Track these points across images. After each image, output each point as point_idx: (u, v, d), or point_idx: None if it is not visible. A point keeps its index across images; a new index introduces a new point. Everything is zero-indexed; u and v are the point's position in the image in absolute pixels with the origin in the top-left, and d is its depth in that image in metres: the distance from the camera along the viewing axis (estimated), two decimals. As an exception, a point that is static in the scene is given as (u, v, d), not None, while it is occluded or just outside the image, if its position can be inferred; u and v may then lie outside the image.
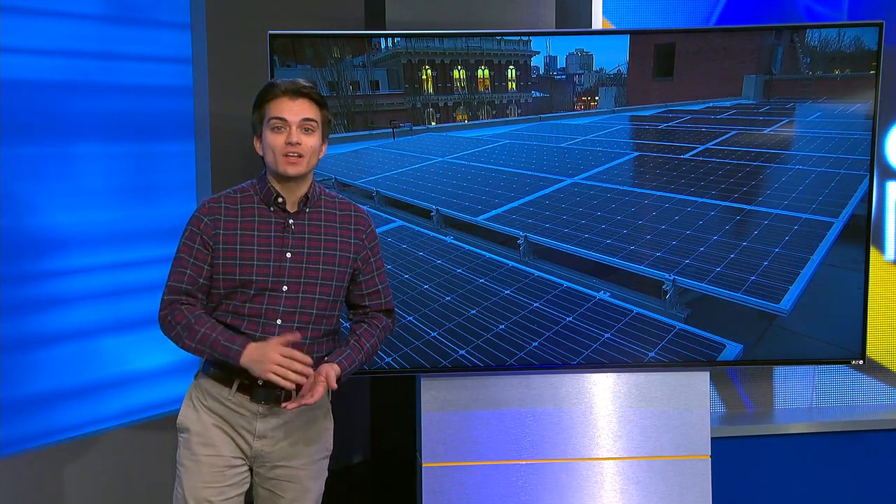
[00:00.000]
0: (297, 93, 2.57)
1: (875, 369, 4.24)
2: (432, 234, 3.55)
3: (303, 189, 2.64)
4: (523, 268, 3.52)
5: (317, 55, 3.44)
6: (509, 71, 3.48)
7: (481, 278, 3.51)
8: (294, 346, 2.58)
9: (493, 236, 3.53)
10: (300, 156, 2.56)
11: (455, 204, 3.52)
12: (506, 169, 3.53)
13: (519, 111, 3.51)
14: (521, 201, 3.50)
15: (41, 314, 3.55)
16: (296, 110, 2.56)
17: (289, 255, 2.61)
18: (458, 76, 3.48)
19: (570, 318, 3.51)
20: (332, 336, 2.72)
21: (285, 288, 2.60)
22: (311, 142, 2.58)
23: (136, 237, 3.76)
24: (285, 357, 2.48)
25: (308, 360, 2.52)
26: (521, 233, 3.50)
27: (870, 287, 3.56)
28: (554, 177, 3.53)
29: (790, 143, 3.55)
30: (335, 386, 2.59)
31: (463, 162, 3.54)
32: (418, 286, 3.49)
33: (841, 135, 3.53)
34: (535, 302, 3.50)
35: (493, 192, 3.52)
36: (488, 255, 3.53)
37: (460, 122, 3.51)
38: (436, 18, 3.88)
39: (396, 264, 3.49)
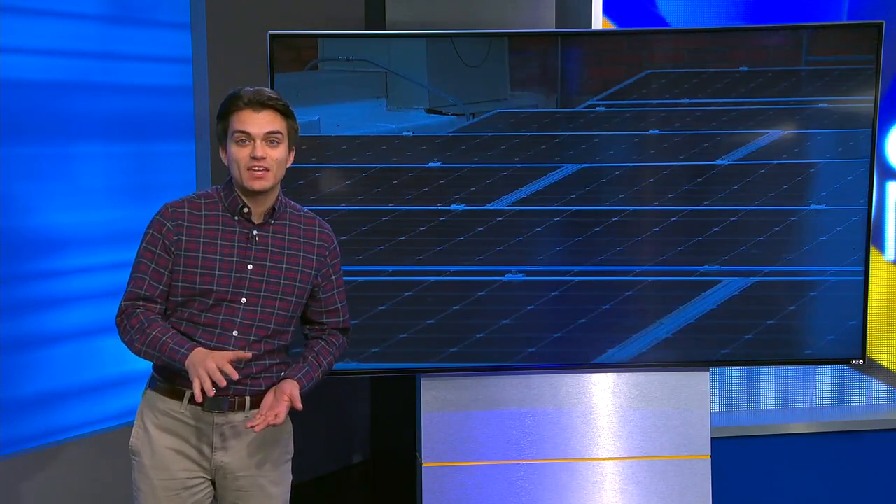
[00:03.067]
0: (261, 104, 2.51)
1: (875, 369, 4.24)
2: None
3: (270, 201, 2.58)
4: (523, 268, 3.51)
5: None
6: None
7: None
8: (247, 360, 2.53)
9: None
10: (266, 169, 2.51)
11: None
12: (505, 164, 3.53)
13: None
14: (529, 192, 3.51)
15: (41, 314, 3.55)
16: (260, 123, 2.50)
17: (250, 266, 2.55)
18: (457, 76, 3.49)
19: (571, 319, 3.51)
20: (284, 350, 2.67)
21: (244, 300, 2.55)
22: (276, 154, 2.53)
23: (136, 237, 3.70)
24: (218, 368, 2.39)
25: (235, 376, 2.41)
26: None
27: (870, 287, 3.56)
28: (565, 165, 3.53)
29: (789, 142, 3.55)
30: (300, 406, 2.55)
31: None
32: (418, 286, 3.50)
33: (841, 134, 3.53)
34: (536, 302, 3.50)
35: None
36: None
37: (460, 121, 3.51)
38: (436, 18, 3.88)
39: (396, 264, 3.50)
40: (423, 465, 3.60)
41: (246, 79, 3.67)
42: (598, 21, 3.82)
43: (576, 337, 3.51)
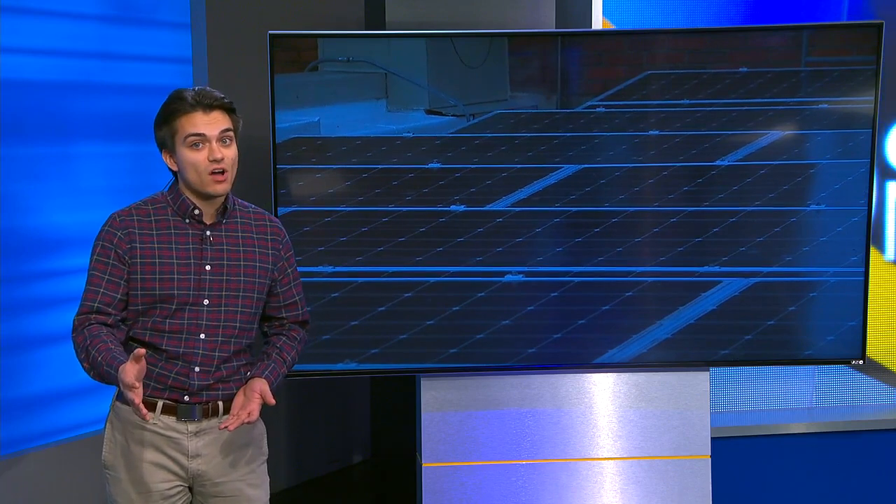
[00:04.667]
0: (210, 106, 2.49)
1: (875, 369, 4.25)
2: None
3: (220, 200, 2.56)
4: (523, 269, 3.52)
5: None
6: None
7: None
8: (217, 359, 2.52)
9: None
10: (224, 171, 2.49)
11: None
12: (505, 165, 3.54)
13: (519, 111, 3.51)
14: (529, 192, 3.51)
15: (41, 314, 3.55)
16: (213, 124, 2.49)
17: (208, 267, 2.53)
18: (457, 76, 3.49)
19: (571, 320, 3.51)
20: (250, 349, 2.65)
21: (206, 302, 2.52)
22: (231, 153, 2.51)
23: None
24: (130, 384, 2.30)
25: (132, 375, 2.31)
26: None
27: (870, 287, 3.56)
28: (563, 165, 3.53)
29: (789, 142, 3.55)
30: (273, 401, 2.53)
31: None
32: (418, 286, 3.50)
33: (841, 134, 3.54)
34: (535, 303, 3.51)
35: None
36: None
37: (460, 122, 3.52)
38: (436, 18, 3.88)
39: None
40: (423, 464, 3.60)
41: (246, 79, 3.70)
42: (598, 21, 3.82)
43: (576, 337, 3.51)
